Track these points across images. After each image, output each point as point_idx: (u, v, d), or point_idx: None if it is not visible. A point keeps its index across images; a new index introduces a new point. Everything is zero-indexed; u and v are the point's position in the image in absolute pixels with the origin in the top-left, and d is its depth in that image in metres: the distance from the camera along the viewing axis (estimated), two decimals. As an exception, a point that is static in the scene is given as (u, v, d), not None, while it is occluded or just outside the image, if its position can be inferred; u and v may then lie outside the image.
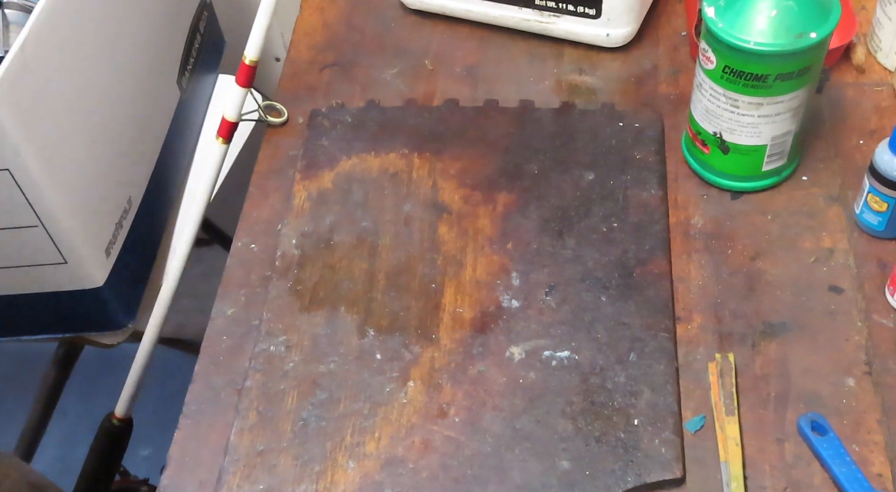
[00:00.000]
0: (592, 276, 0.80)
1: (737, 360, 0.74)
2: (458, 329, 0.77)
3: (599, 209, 0.84)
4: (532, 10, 0.98)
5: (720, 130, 0.81)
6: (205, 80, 1.19)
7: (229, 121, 0.91)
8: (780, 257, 0.81)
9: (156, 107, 1.04)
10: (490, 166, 0.89)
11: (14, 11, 0.91)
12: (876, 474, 0.68)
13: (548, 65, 0.98)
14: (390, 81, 0.98)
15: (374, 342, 0.77)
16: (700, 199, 0.85)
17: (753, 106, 0.78)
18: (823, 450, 0.68)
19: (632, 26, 0.97)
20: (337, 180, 0.89)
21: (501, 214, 0.85)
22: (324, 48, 1.03)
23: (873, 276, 0.79)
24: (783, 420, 0.71)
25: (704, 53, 0.79)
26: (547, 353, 0.75)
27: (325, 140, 0.92)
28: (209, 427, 0.75)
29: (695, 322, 0.77)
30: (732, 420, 0.71)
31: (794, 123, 0.81)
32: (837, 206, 0.84)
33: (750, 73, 0.76)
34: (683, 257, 0.81)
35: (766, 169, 0.84)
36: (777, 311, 0.77)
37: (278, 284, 0.82)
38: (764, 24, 0.74)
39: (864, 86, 0.93)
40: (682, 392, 0.73)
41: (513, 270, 0.81)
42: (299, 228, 0.85)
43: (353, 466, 0.71)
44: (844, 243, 0.81)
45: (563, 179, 0.87)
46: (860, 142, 0.88)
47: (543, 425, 0.71)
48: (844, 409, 0.71)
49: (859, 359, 0.74)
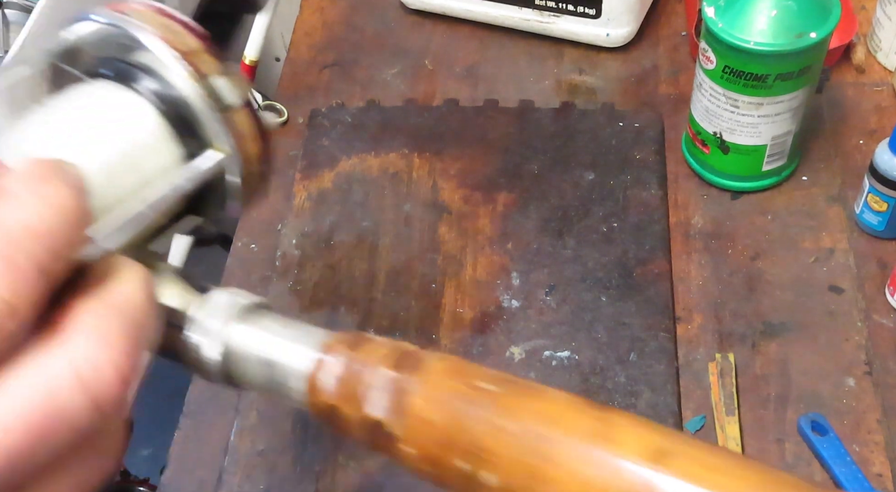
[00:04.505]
0: (592, 276, 0.80)
1: (737, 360, 0.74)
2: (458, 329, 0.77)
3: (599, 209, 0.84)
4: (532, 10, 0.98)
5: (720, 130, 0.81)
6: (205, 80, 1.19)
7: (229, 121, 0.91)
8: (780, 257, 0.81)
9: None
10: (490, 166, 0.89)
11: (14, 11, 0.91)
12: (876, 474, 0.68)
13: (548, 65, 0.98)
14: (390, 81, 0.98)
15: (374, 342, 0.77)
16: (700, 199, 0.85)
17: (753, 106, 0.78)
18: (823, 450, 0.68)
19: (632, 26, 0.97)
20: (337, 180, 0.89)
21: (501, 214, 0.85)
22: (324, 48, 1.03)
23: (873, 276, 0.79)
24: (783, 420, 0.71)
25: (704, 53, 0.79)
26: (547, 353, 0.75)
27: (325, 140, 0.92)
28: (209, 427, 0.75)
29: (695, 322, 0.77)
30: (732, 420, 0.71)
31: (794, 123, 0.81)
32: (837, 206, 0.84)
33: (750, 73, 0.76)
34: (683, 257, 0.81)
35: (766, 169, 0.84)
36: (777, 311, 0.77)
37: (278, 285, 0.82)
38: (764, 24, 0.74)
39: (864, 86, 0.93)
40: (682, 392, 0.73)
41: (513, 270, 0.81)
42: (299, 228, 0.85)
43: (353, 466, 0.71)
44: (844, 243, 0.81)
45: (563, 179, 0.87)
46: (860, 142, 0.88)
47: (543, 425, 0.71)
48: (844, 409, 0.71)
49: (859, 359, 0.74)
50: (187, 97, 0.37)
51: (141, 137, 0.37)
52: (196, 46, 0.38)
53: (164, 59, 0.37)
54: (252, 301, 0.37)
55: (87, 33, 0.38)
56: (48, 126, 0.36)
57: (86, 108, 0.37)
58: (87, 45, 0.39)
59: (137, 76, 0.37)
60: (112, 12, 0.38)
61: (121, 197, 0.36)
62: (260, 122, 0.40)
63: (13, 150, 0.35)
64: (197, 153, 0.38)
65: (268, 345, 0.35)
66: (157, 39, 0.37)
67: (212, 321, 0.36)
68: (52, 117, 0.37)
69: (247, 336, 0.36)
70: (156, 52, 0.37)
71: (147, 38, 0.37)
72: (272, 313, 0.37)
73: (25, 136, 0.36)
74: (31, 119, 0.37)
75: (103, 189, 0.35)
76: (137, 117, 0.37)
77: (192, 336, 0.36)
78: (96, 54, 0.39)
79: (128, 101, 0.37)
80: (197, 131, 0.38)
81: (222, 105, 0.38)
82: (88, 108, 0.37)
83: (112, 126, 0.37)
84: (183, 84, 0.37)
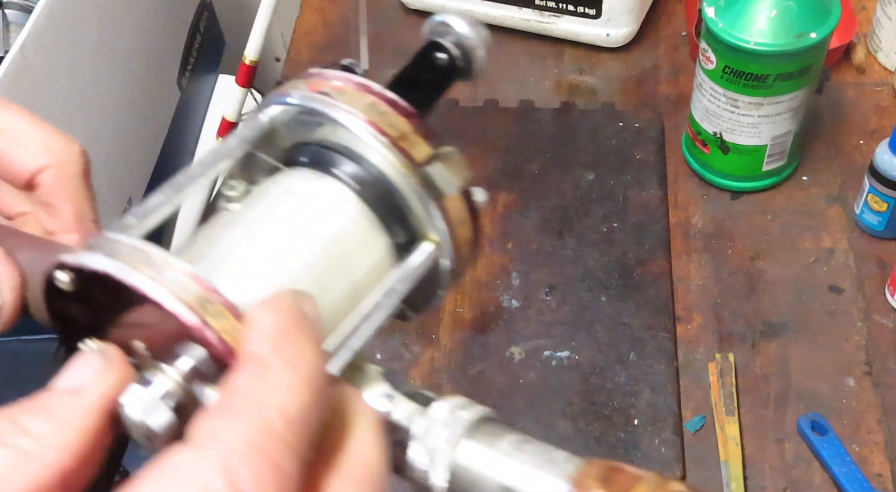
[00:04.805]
0: (592, 276, 0.80)
1: (737, 360, 0.74)
2: (459, 329, 0.77)
3: (599, 209, 0.84)
4: (532, 10, 0.98)
5: (720, 130, 0.81)
6: (205, 80, 1.19)
7: (229, 121, 0.91)
8: (780, 257, 0.81)
9: (156, 107, 1.05)
10: (490, 166, 0.88)
11: (14, 11, 0.91)
12: (876, 473, 0.68)
13: (548, 65, 0.98)
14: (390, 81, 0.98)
15: (373, 342, 0.77)
16: (700, 199, 0.85)
17: (753, 106, 0.78)
18: (823, 450, 0.68)
19: (632, 26, 0.97)
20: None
21: (501, 214, 0.85)
22: (324, 48, 1.03)
23: (873, 276, 0.79)
24: (783, 420, 0.71)
25: (704, 53, 0.79)
26: (547, 353, 0.75)
27: (325, 140, 0.92)
28: (209, 427, 0.75)
29: (695, 322, 0.77)
30: (732, 420, 0.71)
31: (794, 123, 0.81)
32: (837, 206, 0.84)
33: (750, 73, 0.76)
34: (683, 257, 0.81)
35: (766, 169, 0.84)
36: (777, 311, 0.77)
37: (278, 284, 0.81)
38: (764, 24, 0.74)
39: (864, 86, 0.93)
40: (682, 392, 0.73)
41: (513, 270, 0.81)
42: (299, 228, 0.85)
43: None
44: (844, 243, 0.81)
45: (563, 179, 0.87)
46: (860, 142, 0.88)
47: (543, 424, 0.71)
48: (844, 409, 0.71)
49: (859, 359, 0.74)
50: (399, 188, 0.33)
51: (349, 235, 0.33)
52: (406, 128, 0.33)
53: (372, 146, 0.32)
54: (479, 414, 0.32)
55: (284, 116, 0.34)
56: (250, 232, 0.32)
57: (288, 205, 0.33)
58: (282, 127, 0.34)
59: (339, 162, 0.33)
60: (311, 93, 0.34)
61: (335, 308, 0.32)
62: (474, 205, 0.35)
63: (217, 261, 0.31)
64: (402, 241, 0.34)
65: (505, 471, 0.31)
66: (364, 124, 0.32)
67: (437, 441, 0.32)
68: (252, 221, 0.32)
69: (479, 459, 0.32)
70: (363, 140, 0.32)
71: (352, 122, 0.32)
72: (501, 427, 0.33)
73: (228, 245, 0.32)
74: (227, 221, 0.33)
75: (319, 304, 0.31)
76: (343, 211, 0.33)
77: (416, 459, 0.32)
78: (292, 137, 0.35)
79: (331, 193, 0.33)
80: (406, 220, 0.34)
81: (437, 195, 0.33)
82: (291, 206, 0.33)
83: (319, 226, 0.32)
84: (394, 174, 0.32)
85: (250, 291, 0.29)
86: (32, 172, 0.37)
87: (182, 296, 0.27)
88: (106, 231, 0.30)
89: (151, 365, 0.28)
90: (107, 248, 0.28)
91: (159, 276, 0.27)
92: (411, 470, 0.32)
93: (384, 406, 0.32)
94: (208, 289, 0.27)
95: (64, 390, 0.27)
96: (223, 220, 0.33)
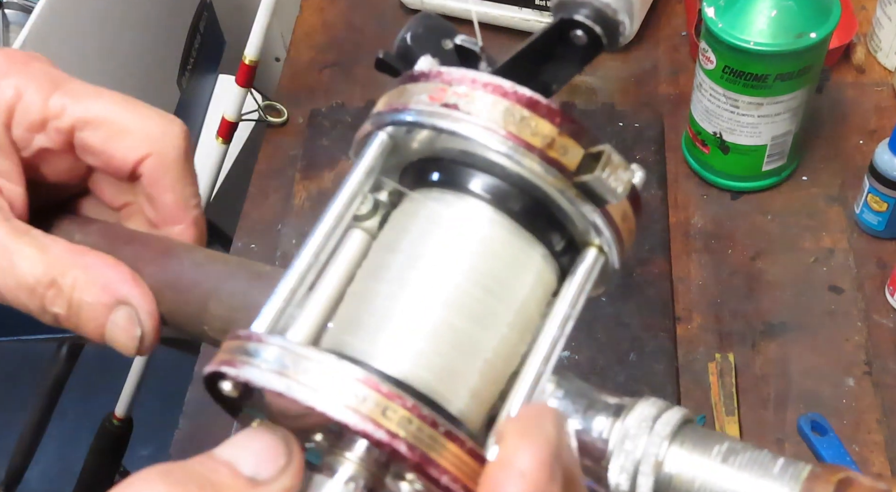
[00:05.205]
0: (592, 276, 0.80)
1: (737, 360, 0.74)
2: (458, 329, 0.77)
3: (599, 209, 0.84)
4: (532, 10, 0.98)
5: (720, 130, 0.81)
6: (205, 80, 1.19)
7: (229, 121, 0.91)
8: (780, 257, 0.81)
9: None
10: (490, 166, 0.88)
11: (14, 11, 0.91)
12: (876, 473, 0.68)
13: (548, 65, 0.98)
14: (390, 81, 0.98)
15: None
16: (700, 199, 0.85)
17: (753, 106, 0.78)
18: (823, 450, 0.68)
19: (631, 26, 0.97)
20: (337, 180, 0.89)
21: (501, 214, 0.85)
22: (324, 48, 1.03)
23: (873, 276, 0.79)
24: (783, 420, 0.71)
25: (704, 53, 0.79)
26: (547, 353, 0.75)
27: (325, 140, 0.92)
28: (209, 427, 0.75)
29: (695, 322, 0.77)
30: (732, 420, 0.71)
31: (794, 123, 0.81)
32: (837, 206, 0.84)
33: (750, 73, 0.76)
34: (683, 257, 0.81)
35: (766, 169, 0.84)
36: (777, 311, 0.77)
37: (278, 285, 0.81)
38: (764, 24, 0.74)
39: (864, 86, 0.93)
40: (682, 392, 0.73)
41: (513, 270, 0.81)
42: (299, 228, 0.85)
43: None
44: (844, 243, 0.81)
45: (563, 179, 0.87)
46: (860, 142, 0.88)
47: (543, 425, 0.71)
48: (844, 409, 0.71)
49: (859, 359, 0.74)
50: (554, 201, 0.29)
51: (504, 261, 0.29)
52: (552, 132, 0.29)
53: (518, 162, 0.28)
54: (678, 417, 0.30)
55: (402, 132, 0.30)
56: (402, 284, 0.29)
57: (435, 241, 0.29)
58: (401, 142, 0.31)
59: (481, 180, 0.29)
60: (436, 107, 0.29)
61: (503, 341, 0.29)
62: (636, 192, 0.30)
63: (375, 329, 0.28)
64: (560, 248, 0.30)
65: (728, 481, 0.28)
66: (504, 140, 0.28)
67: (637, 449, 0.29)
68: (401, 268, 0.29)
69: (690, 468, 0.29)
70: (507, 157, 0.28)
71: (491, 140, 0.28)
72: (701, 430, 0.30)
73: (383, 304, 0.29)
74: (374, 269, 0.30)
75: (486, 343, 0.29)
76: (494, 236, 0.29)
77: (614, 474, 0.30)
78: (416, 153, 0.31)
79: (477, 216, 0.29)
80: (564, 228, 0.30)
81: (599, 202, 0.29)
82: (438, 241, 0.29)
83: (473, 260, 0.29)
84: (548, 189, 0.28)
85: (417, 360, 0.28)
86: (133, 164, 0.37)
87: (362, 410, 0.25)
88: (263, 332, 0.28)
89: (331, 452, 0.27)
90: (268, 355, 0.26)
91: (332, 387, 0.25)
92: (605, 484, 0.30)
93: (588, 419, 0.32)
94: (390, 395, 0.25)
95: (244, 478, 0.26)
96: (368, 265, 0.30)
